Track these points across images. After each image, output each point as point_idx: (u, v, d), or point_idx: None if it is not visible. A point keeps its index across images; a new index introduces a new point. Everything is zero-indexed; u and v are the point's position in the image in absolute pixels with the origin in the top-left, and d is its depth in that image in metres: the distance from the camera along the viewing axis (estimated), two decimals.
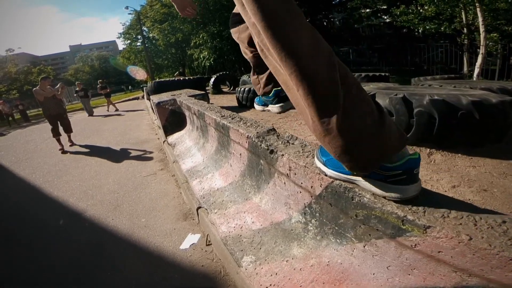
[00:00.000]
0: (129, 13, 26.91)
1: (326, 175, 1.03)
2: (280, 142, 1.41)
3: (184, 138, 3.38)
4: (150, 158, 4.20)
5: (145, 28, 25.51)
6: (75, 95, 13.18)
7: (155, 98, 4.17)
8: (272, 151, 1.37)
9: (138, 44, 30.16)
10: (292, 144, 1.39)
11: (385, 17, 23.74)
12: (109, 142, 5.74)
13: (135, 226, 2.37)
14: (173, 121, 3.76)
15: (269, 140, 1.47)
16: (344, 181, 0.98)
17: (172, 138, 3.68)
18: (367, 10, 24.21)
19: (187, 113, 3.44)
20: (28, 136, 8.85)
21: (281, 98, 1.44)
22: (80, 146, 5.75)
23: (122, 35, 29.93)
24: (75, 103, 18.08)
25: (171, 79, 6.92)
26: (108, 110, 12.68)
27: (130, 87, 51.11)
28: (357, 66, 23.34)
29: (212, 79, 12.65)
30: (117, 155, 4.62)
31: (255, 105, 1.63)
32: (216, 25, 20.33)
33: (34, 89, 5.51)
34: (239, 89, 6.70)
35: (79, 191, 3.36)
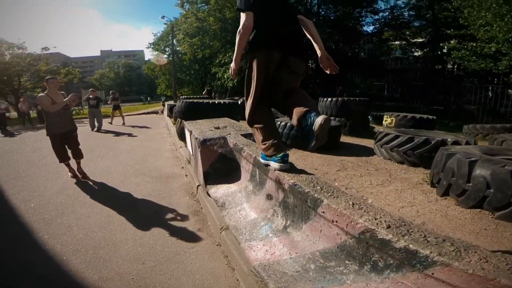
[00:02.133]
0: (164, 23, 27.29)
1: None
2: None
3: (240, 200, 2.37)
4: (181, 207, 3.21)
5: (174, 41, 25.45)
6: (83, 101, 11.38)
7: (196, 131, 3.24)
8: None
9: (165, 56, 30.33)
10: None
11: (417, 51, 23.01)
12: (126, 169, 4.79)
13: None
14: (220, 168, 2.79)
15: None
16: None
17: (217, 191, 2.69)
18: (396, 43, 23.63)
19: (247, 166, 2.45)
20: (37, 142, 8.03)
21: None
22: (90, 175, 4.73)
23: (152, 46, 30.24)
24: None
25: (204, 101, 6.00)
26: (123, 123, 11.94)
27: (149, 98, 51.32)
28: (381, 101, 22.41)
29: (239, 101, 11.92)
30: (136, 195, 3.63)
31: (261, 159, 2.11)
32: None
33: (40, 95, 4.09)
34: (276, 123, 5.77)
35: (86, 247, 2.40)
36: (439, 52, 21.42)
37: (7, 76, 23.33)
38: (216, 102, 5.84)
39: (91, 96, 10.39)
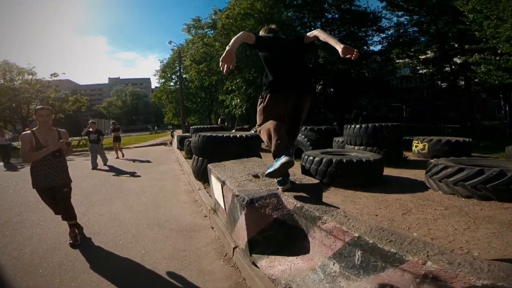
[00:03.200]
0: (172, 49, 27.55)
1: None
2: None
3: (317, 286, 1.57)
4: (216, 277, 2.39)
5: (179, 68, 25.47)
6: (83, 135, 9.78)
7: (230, 181, 2.50)
8: None
9: (171, 84, 30.46)
10: None
11: (428, 69, 22.51)
12: (138, 218, 3.99)
13: None
14: (273, 236, 2.01)
15: None
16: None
17: (273, 266, 1.89)
18: (401, 61, 23.21)
19: (328, 240, 1.67)
20: None
21: None
22: (95, 224, 3.95)
23: (158, 73, 30.49)
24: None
25: (224, 134, 5.23)
26: (123, 156, 11.22)
27: (156, 127, 51.18)
28: (390, 121, 21.31)
29: (252, 131, 11.43)
30: (155, 256, 2.79)
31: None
32: (251, 72, 19.61)
33: (24, 133, 3.16)
34: (306, 157, 4.98)
35: None
36: (448, 69, 21.02)
37: (16, 103, 23.11)
38: (238, 136, 5.10)
39: (91, 130, 8.74)
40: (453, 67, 20.92)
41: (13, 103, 22.74)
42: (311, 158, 4.83)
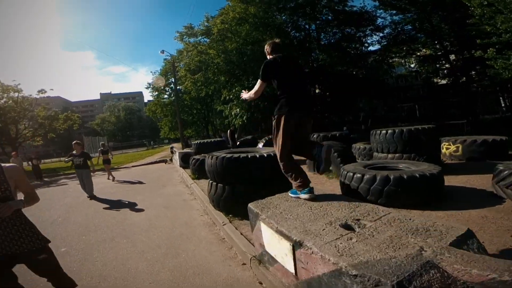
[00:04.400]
0: (165, 58, 26.60)
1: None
2: None
3: None
4: None
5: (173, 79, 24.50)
6: (66, 160, 8.05)
7: (324, 249, 1.61)
8: None
9: (165, 96, 29.51)
10: None
11: (421, 67, 22.03)
12: (155, 271, 3.00)
13: None
14: None
15: None
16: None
17: None
18: (396, 59, 22.66)
19: None
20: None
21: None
22: (100, 282, 2.94)
23: (150, 86, 29.53)
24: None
25: (248, 155, 4.06)
26: (112, 180, 10.32)
27: (152, 142, 49.71)
28: (392, 122, 20.98)
29: (261, 145, 10.83)
30: None
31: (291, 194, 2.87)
32: (249, 79, 18.72)
33: None
34: (350, 174, 4.06)
35: None
36: (448, 65, 20.61)
37: (2, 123, 21.69)
38: (266, 155, 4.12)
39: (74, 152, 7.39)
40: (454, 63, 20.52)
41: None
42: (359, 175, 3.91)
